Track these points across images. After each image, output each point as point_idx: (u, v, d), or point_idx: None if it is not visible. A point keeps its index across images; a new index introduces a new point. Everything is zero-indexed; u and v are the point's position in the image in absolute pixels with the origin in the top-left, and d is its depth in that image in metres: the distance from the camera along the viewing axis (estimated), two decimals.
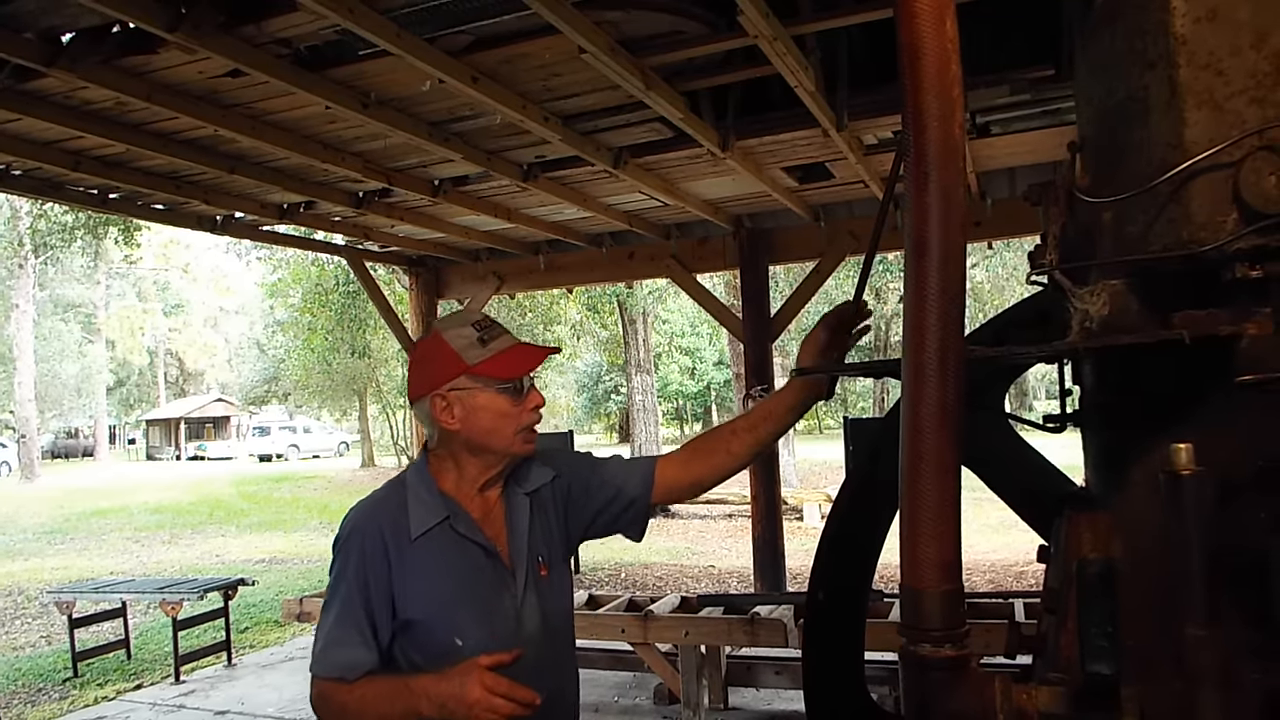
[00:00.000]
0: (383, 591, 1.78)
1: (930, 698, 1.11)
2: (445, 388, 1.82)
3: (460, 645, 1.76)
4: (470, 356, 1.82)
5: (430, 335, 1.90)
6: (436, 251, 8.31)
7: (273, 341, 36.16)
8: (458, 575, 1.82)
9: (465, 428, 1.83)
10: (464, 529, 1.84)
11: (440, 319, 1.97)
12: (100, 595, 7.69)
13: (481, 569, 1.84)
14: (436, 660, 1.76)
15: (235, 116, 4.52)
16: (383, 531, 1.81)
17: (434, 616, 1.79)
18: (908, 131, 1.10)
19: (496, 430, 1.84)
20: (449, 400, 1.82)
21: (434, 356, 1.86)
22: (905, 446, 1.12)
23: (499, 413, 1.83)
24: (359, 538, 1.82)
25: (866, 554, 2.00)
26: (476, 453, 1.86)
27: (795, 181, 6.29)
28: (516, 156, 5.53)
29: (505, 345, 1.86)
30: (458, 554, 1.83)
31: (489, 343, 1.84)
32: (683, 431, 46.29)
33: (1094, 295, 1.36)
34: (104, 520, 19.82)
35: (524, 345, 1.89)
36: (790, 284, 14.93)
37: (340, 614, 1.79)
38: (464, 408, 1.82)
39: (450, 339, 1.84)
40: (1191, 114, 1.24)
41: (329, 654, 1.78)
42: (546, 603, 1.90)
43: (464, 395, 1.82)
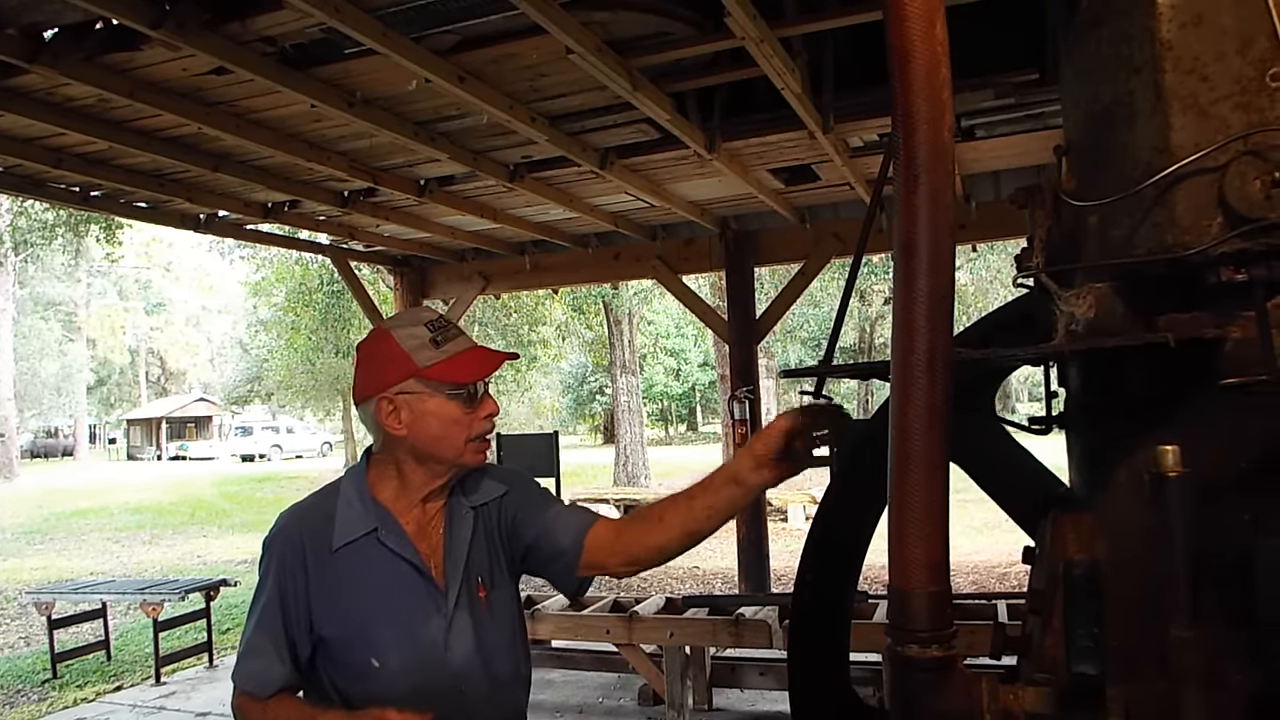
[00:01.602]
0: (300, 603, 1.69)
1: (916, 698, 1.12)
2: (393, 390, 1.70)
3: (377, 666, 1.67)
4: (421, 358, 1.69)
5: (378, 333, 1.77)
6: (422, 251, 8.28)
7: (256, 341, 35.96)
8: (380, 592, 1.70)
9: (412, 434, 1.71)
10: (392, 543, 1.72)
11: (390, 317, 1.82)
12: (80, 596, 7.62)
13: (408, 586, 1.71)
14: (353, 681, 1.68)
15: (219, 114, 4.49)
16: (304, 539, 1.72)
17: (351, 634, 1.68)
18: (897, 134, 1.10)
19: (446, 438, 1.72)
20: (396, 404, 1.70)
21: (382, 356, 1.73)
22: (894, 448, 1.12)
23: (449, 420, 1.71)
24: (282, 543, 1.73)
25: (852, 555, 2.00)
26: (422, 461, 1.74)
27: (781, 183, 6.30)
28: (503, 156, 5.52)
29: (460, 348, 1.73)
30: (383, 568, 1.71)
31: (442, 344, 1.71)
32: (667, 432, 46.32)
33: (1079, 298, 1.37)
34: (84, 520, 19.66)
35: (479, 349, 1.77)
36: (776, 285, 14.96)
37: (259, 622, 1.70)
38: (412, 413, 1.70)
39: (401, 339, 1.71)
40: (1177, 119, 1.25)
41: (244, 662, 1.69)
42: (482, 626, 1.76)
43: (412, 399, 1.69)
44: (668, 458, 29.33)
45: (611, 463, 20.92)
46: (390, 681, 1.66)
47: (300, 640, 1.69)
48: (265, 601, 1.70)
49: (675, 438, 44.89)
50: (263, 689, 1.67)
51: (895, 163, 1.11)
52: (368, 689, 1.67)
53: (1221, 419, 1.21)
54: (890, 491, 1.12)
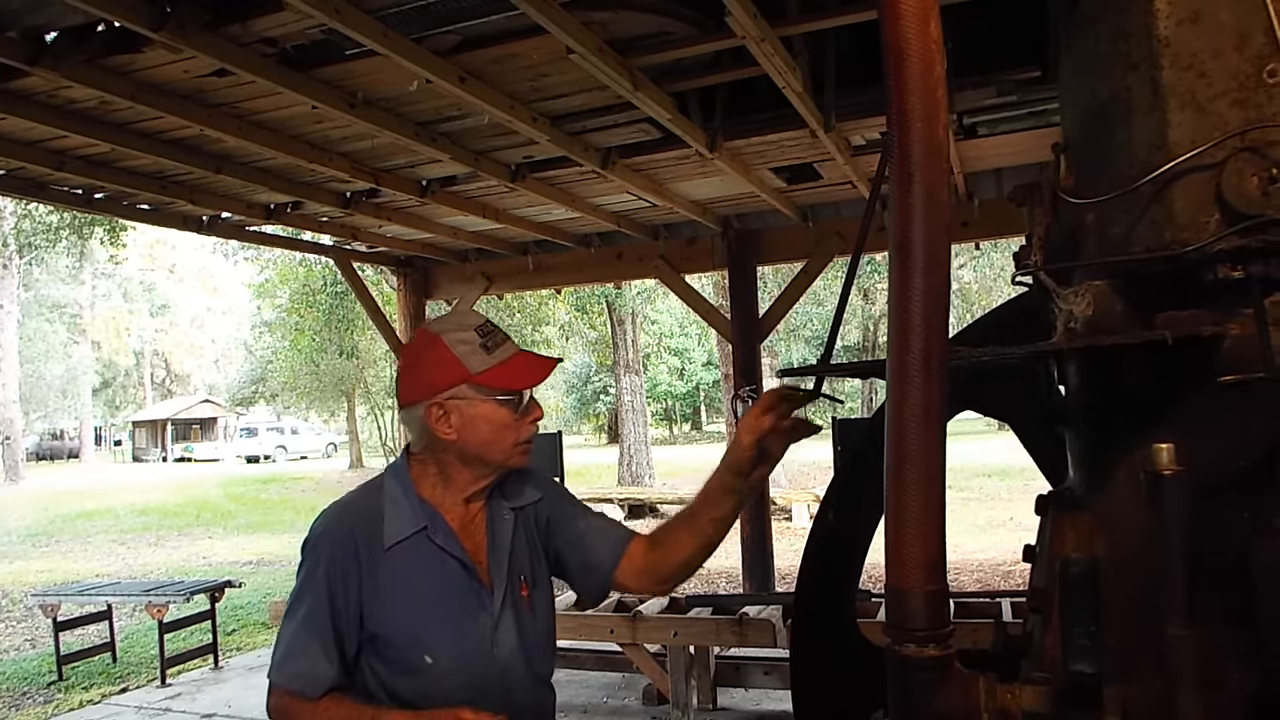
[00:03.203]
0: (351, 602, 1.68)
1: (915, 697, 1.11)
2: (443, 396, 1.70)
3: (430, 663, 1.68)
4: (473, 364, 1.69)
5: (427, 338, 1.76)
6: (424, 252, 8.28)
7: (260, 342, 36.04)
8: (431, 589, 1.71)
9: (462, 438, 1.71)
10: (441, 541, 1.73)
11: (436, 320, 1.82)
12: (85, 598, 7.64)
13: (457, 584, 1.73)
14: (403, 677, 1.69)
15: (221, 116, 4.49)
16: (355, 537, 1.70)
17: (404, 631, 1.69)
18: (892, 132, 1.10)
19: (495, 442, 1.72)
20: (446, 409, 1.70)
21: (432, 361, 1.72)
22: (890, 447, 1.12)
23: (500, 424, 1.71)
24: (329, 543, 1.71)
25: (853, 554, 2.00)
26: (469, 463, 1.75)
27: (783, 182, 6.30)
28: (504, 157, 5.51)
29: (509, 353, 1.74)
30: (432, 566, 1.72)
31: (493, 350, 1.72)
32: (671, 432, 46.30)
33: (1078, 296, 1.36)
34: (89, 522, 19.70)
35: (527, 353, 1.78)
36: (779, 284, 14.95)
37: (304, 622, 1.68)
38: (462, 417, 1.70)
39: (451, 343, 1.71)
40: (1174, 115, 1.25)
41: (289, 663, 1.67)
42: (524, 624, 1.79)
43: (463, 405, 1.70)
44: (672, 457, 29.32)
45: (615, 462, 20.91)
46: (440, 678, 1.68)
47: (349, 639, 1.69)
48: (312, 601, 1.69)
49: (679, 437, 44.87)
50: (313, 689, 1.65)
51: (890, 161, 1.11)
52: (418, 685, 1.68)
53: (1220, 417, 1.21)
54: (886, 491, 1.12)
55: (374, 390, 29.22)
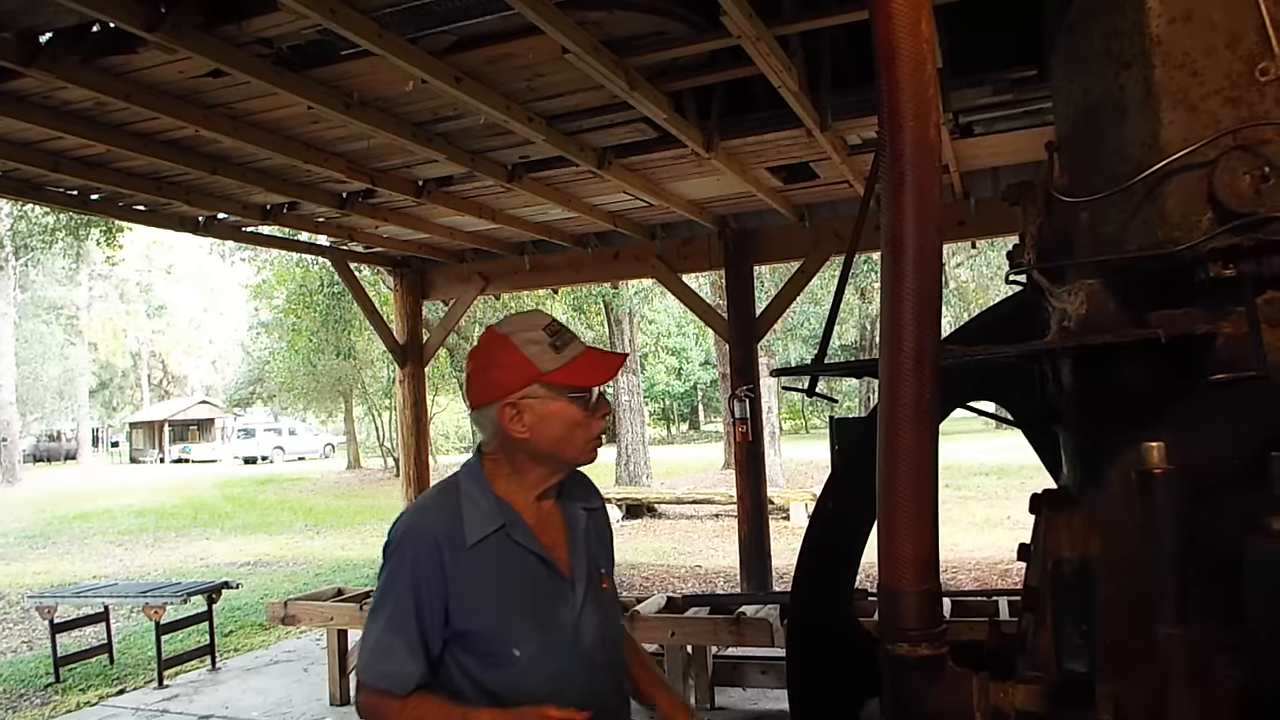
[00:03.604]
0: (437, 601, 1.71)
1: (908, 696, 1.11)
2: (516, 396, 1.73)
3: (518, 655, 1.72)
4: (544, 364, 1.73)
5: (496, 339, 1.80)
6: (421, 252, 8.28)
7: (257, 343, 35.99)
8: (515, 584, 1.75)
9: (535, 436, 1.75)
10: (520, 537, 1.77)
11: (503, 321, 1.83)
12: (82, 599, 7.61)
13: (538, 578, 1.78)
14: (493, 669, 1.72)
15: (217, 117, 4.49)
16: (437, 538, 1.73)
17: (492, 626, 1.73)
18: (883, 131, 1.10)
19: (567, 439, 1.77)
20: (519, 408, 1.73)
21: (503, 362, 1.76)
22: (882, 446, 1.12)
23: (572, 422, 1.76)
24: (412, 544, 1.75)
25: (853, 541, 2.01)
26: (541, 461, 1.79)
27: (780, 181, 6.30)
28: (501, 157, 5.51)
29: (577, 351, 1.77)
30: (514, 562, 1.76)
31: (561, 349, 1.75)
32: (669, 431, 46.29)
33: (1071, 294, 1.36)
34: (87, 524, 19.65)
35: (594, 350, 1.81)
36: (776, 284, 14.95)
37: (390, 622, 1.72)
38: (535, 416, 1.74)
39: (521, 344, 1.75)
40: (1167, 114, 1.25)
41: (376, 663, 1.72)
42: (604, 615, 1.85)
43: (536, 404, 1.73)
44: (669, 457, 29.32)
45: (613, 462, 20.91)
46: (527, 669, 1.72)
47: (434, 638, 1.72)
48: (397, 602, 1.72)
49: (677, 437, 44.87)
50: (401, 687, 1.69)
51: (881, 160, 1.11)
52: (506, 677, 1.72)
53: (1212, 416, 1.21)
54: (879, 490, 1.12)
55: (371, 391, 29.19)
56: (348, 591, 6.57)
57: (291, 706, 6.19)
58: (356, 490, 24.83)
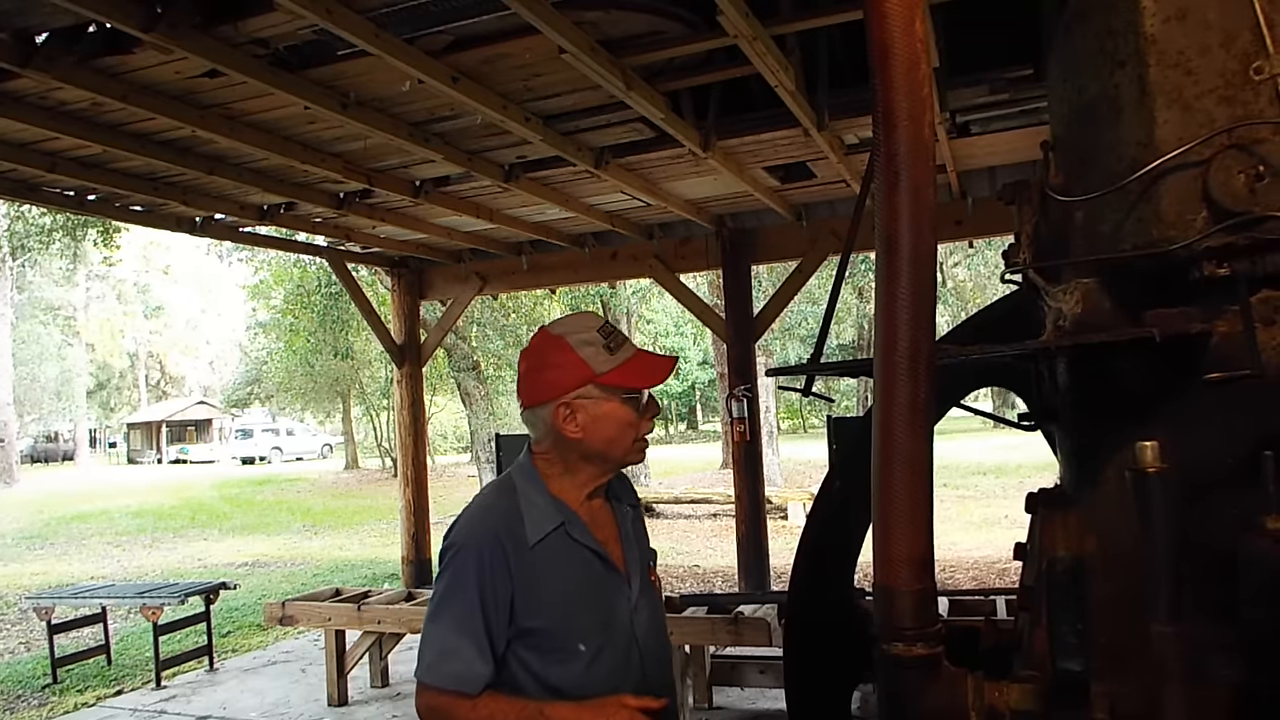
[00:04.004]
0: (503, 600, 1.73)
1: (903, 696, 1.11)
2: (571, 396, 1.77)
3: (583, 650, 1.75)
4: (598, 365, 1.76)
5: (551, 340, 1.83)
6: (419, 252, 8.28)
7: (255, 343, 35.95)
8: (576, 581, 1.79)
9: (588, 436, 1.78)
10: (578, 535, 1.81)
11: (557, 323, 1.88)
12: (80, 600, 7.61)
13: (596, 574, 1.81)
14: (558, 665, 1.74)
15: (213, 117, 4.49)
16: (500, 539, 1.75)
17: (558, 623, 1.75)
18: (878, 131, 1.10)
19: (619, 439, 1.80)
20: (574, 409, 1.77)
21: (557, 363, 1.79)
22: (877, 445, 1.12)
23: (624, 422, 1.79)
24: (476, 546, 1.76)
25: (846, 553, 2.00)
26: (592, 460, 1.82)
27: (777, 181, 6.30)
28: (498, 157, 5.51)
29: (630, 353, 1.81)
30: (574, 559, 1.79)
31: (615, 351, 1.79)
32: (667, 431, 46.28)
33: (1067, 294, 1.36)
34: (84, 525, 19.64)
35: (646, 353, 1.85)
36: (773, 283, 14.96)
37: (456, 624, 1.73)
38: (588, 416, 1.77)
39: (576, 345, 1.78)
40: (1161, 113, 1.25)
41: (442, 664, 1.72)
42: (654, 607, 1.90)
43: (589, 404, 1.77)
44: (668, 456, 29.31)
45: None
46: (591, 664, 1.75)
47: (499, 637, 1.73)
48: (463, 602, 1.73)
49: (675, 436, 44.87)
50: (472, 687, 1.70)
51: (876, 160, 1.11)
52: (571, 672, 1.74)
53: (1207, 414, 1.21)
54: (874, 489, 1.12)
55: (369, 391, 29.18)
56: (346, 592, 6.57)
57: (289, 707, 6.19)
58: (354, 491, 24.81)
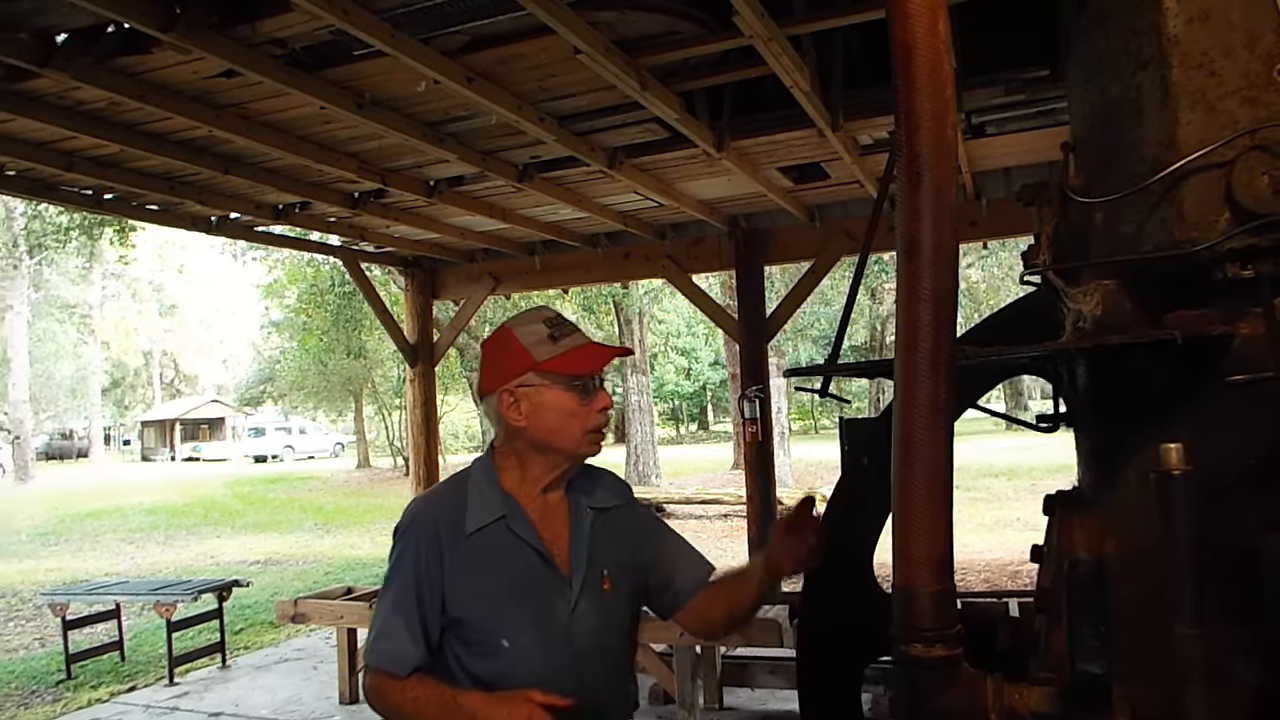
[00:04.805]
0: (435, 586, 1.76)
1: (922, 698, 1.11)
2: (513, 383, 1.80)
3: (507, 646, 1.76)
4: (539, 353, 1.79)
5: (500, 332, 1.88)
6: (432, 252, 8.29)
7: (268, 342, 36.12)
8: (510, 576, 1.79)
9: (531, 425, 1.80)
10: (520, 530, 1.81)
11: (513, 317, 1.92)
12: (93, 597, 7.65)
13: (533, 572, 1.80)
14: (482, 659, 1.76)
15: (229, 117, 4.50)
16: (438, 525, 1.80)
17: (482, 615, 1.77)
18: (900, 132, 1.10)
19: (563, 429, 1.81)
20: (516, 396, 1.80)
21: (503, 352, 1.84)
22: (897, 447, 1.11)
23: (566, 411, 1.80)
24: (415, 530, 1.82)
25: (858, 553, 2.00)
26: (542, 451, 1.84)
27: (791, 182, 6.29)
28: (512, 157, 5.51)
29: (576, 343, 1.83)
30: (511, 554, 1.80)
31: (560, 340, 1.81)
32: (679, 431, 46.28)
33: (1087, 295, 1.36)
34: (98, 522, 19.76)
35: (595, 345, 1.87)
36: (786, 284, 14.94)
37: (393, 605, 1.78)
38: (531, 404, 1.80)
39: (520, 335, 1.82)
40: (1184, 114, 1.24)
41: (379, 644, 1.77)
42: (604, 615, 1.85)
43: (531, 392, 1.80)
44: (679, 456, 29.31)
45: (623, 462, 20.91)
46: (516, 661, 1.75)
47: (432, 622, 1.77)
48: (400, 585, 1.77)
49: (686, 436, 44.84)
50: (400, 668, 1.74)
51: (898, 160, 1.11)
52: (495, 667, 1.76)
53: (1229, 416, 1.20)
54: (894, 490, 1.11)
55: (381, 390, 29.26)
56: (357, 590, 6.58)
57: (301, 704, 6.21)
58: (366, 489, 24.88)
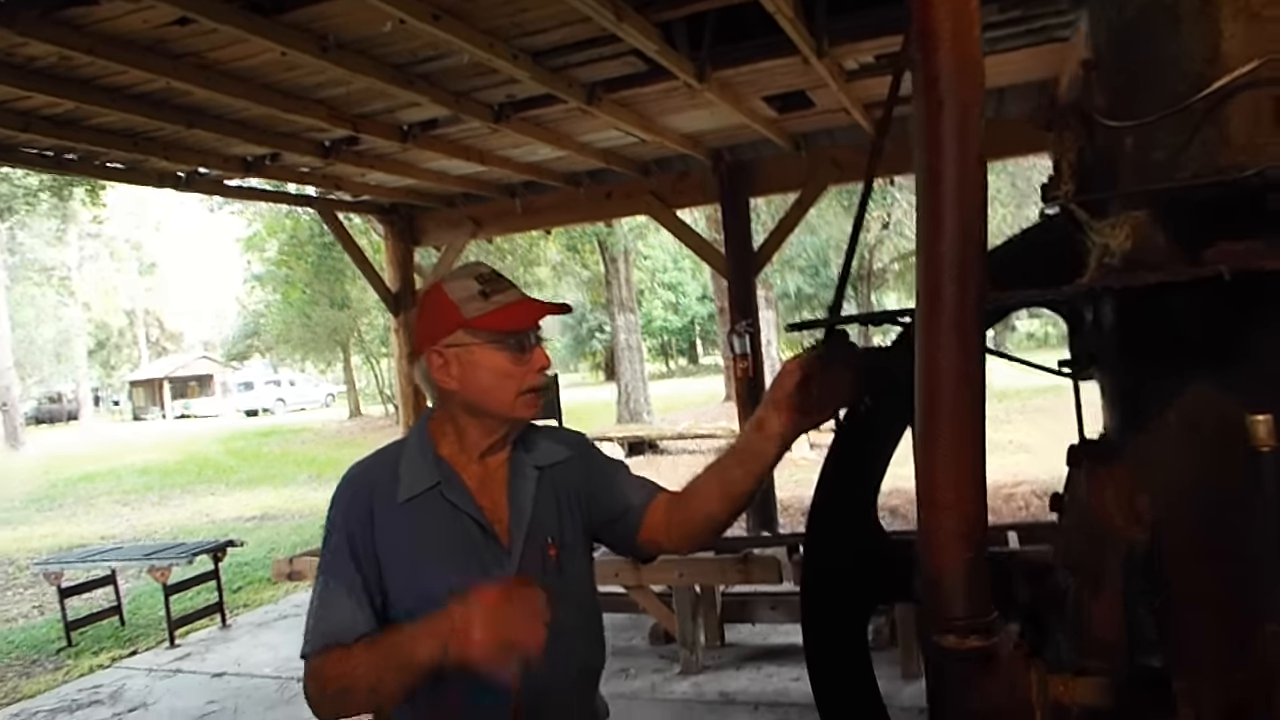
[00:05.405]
0: (369, 554, 1.67)
1: (958, 693, 1.01)
2: (442, 343, 1.69)
3: None
4: (469, 310, 1.67)
5: (431, 289, 1.77)
6: (410, 198, 8.12)
7: (252, 296, 35.80)
8: (443, 545, 1.68)
9: (463, 387, 1.69)
10: (455, 498, 1.71)
11: (446, 274, 1.79)
12: (87, 564, 7.60)
13: (470, 541, 1.69)
14: None
15: (187, 67, 4.30)
16: (371, 494, 1.70)
17: (412, 585, 1.66)
18: (916, 52, 0.96)
19: (495, 390, 1.70)
20: (446, 357, 1.69)
21: (433, 311, 1.72)
22: (921, 406, 1.00)
23: (499, 372, 1.68)
24: (347, 498, 1.73)
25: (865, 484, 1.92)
26: (476, 414, 1.73)
27: (775, 111, 6.11)
28: (486, 97, 5.33)
29: (509, 300, 1.71)
30: (446, 523, 1.69)
31: (491, 296, 1.69)
32: (668, 366, 46.34)
33: (1115, 228, 1.24)
34: (92, 485, 19.71)
35: (529, 300, 1.74)
36: (772, 215, 14.76)
37: (329, 577, 1.67)
38: (461, 365, 1.69)
39: (451, 291, 1.70)
40: (1227, 25, 1.11)
41: (320, 624, 1.63)
42: (551, 584, 1.67)
43: (461, 352, 1.68)
44: (669, 392, 29.35)
45: (614, 400, 20.89)
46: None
47: (374, 586, 1.67)
48: (334, 552, 1.69)
49: (676, 371, 44.91)
50: (347, 636, 1.62)
51: (913, 82, 0.98)
52: None
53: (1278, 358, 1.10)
54: (917, 455, 1.00)
55: (368, 339, 29.13)
56: None
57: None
58: (359, 439, 24.84)
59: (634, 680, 5.48)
